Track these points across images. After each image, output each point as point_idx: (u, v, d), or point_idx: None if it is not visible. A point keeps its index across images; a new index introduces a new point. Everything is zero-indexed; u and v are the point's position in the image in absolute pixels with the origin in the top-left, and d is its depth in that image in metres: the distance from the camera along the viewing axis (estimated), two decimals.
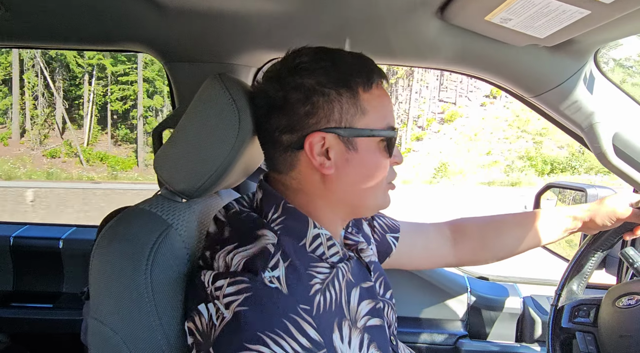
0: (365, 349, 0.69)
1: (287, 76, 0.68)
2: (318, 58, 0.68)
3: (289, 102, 0.67)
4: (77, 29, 1.13)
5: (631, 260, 1.00)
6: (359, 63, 0.70)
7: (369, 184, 0.71)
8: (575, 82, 1.05)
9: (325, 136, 0.67)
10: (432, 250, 1.07)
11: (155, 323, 0.66)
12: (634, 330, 0.83)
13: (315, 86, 0.66)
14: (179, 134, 0.76)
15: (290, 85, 0.67)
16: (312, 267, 0.68)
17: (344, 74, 0.67)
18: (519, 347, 1.38)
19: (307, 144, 0.67)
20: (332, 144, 0.68)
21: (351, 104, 0.67)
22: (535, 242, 1.06)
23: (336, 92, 0.67)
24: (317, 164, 0.68)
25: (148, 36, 1.13)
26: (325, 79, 0.67)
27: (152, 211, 0.73)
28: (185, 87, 1.19)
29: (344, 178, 0.70)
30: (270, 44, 1.12)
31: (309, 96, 0.66)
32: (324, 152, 0.68)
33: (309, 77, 0.67)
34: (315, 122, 0.67)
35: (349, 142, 0.68)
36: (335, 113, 0.67)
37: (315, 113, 0.67)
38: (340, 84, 0.67)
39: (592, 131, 1.10)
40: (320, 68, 0.67)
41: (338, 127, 0.67)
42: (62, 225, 1.85)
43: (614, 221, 1.00)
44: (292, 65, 0.69)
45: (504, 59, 1.05)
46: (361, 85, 0.68)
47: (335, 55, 0.70)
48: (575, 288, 1.05)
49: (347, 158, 0.69)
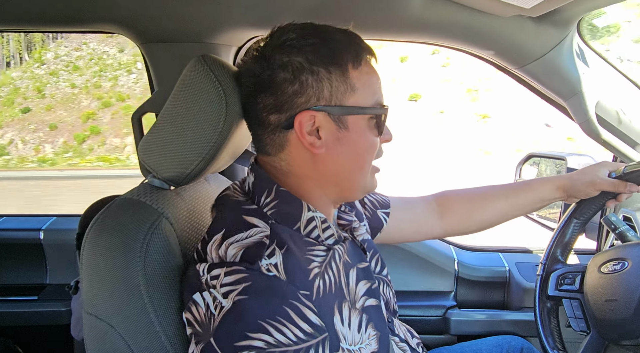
0: (364, 329, 0.70)
1: (274, 53, 0.66)
2: (305, 35, 0.66)
3: (276, 81, 0.65)
4: (45, 10, 1.07)
5: (613, 226, 1.03)
6: (348, 39, 0.68)
7: (360, 163, 0.70)
8: (559, 53, 1.05)
9: (315, 115, 0.65)
10: (420, 222, 1.09)
11: (152, 316, 0.65)
12: (619, 293, 0.86)
13: (303, 64, 0.64)
14: (164, 119, 0.73)
15: (277, 63, 0.65)
16: (309, 251, 0.68)
17: (333, 51, 0.65)
18: (506, 314, 1.42)
19: (297, 124, 0.65)
20: (323, 123, 0.66)
21: (341, 82, 0.66)
22: (519, 212, 1.09)
23: (325, 69, 0.65)
24: (308, 144, 0.66)
25: (122, 16, 1.07)
26: (313, 57, 0.64)
27: (142, 201, 0.71)
28: (163, 69, 1.15)
29: (334, 157, 0.68)
30: (250, 22, 1.09)
31: (297, 75, 0.64)
32: (314, 131, 0.66)
33: (297, 55, 0.65)
34: (304, 101, 0.65)
35: (340, 120, 0.67)
36: (325, 91, 0.65)
37: (305, 92, 0.65)
38: (329, 62, 0.65)
39: (575, 101, 1.11)
40: (308, 45, 0.65)
41: (328, 105, 0.65)
42: (41, 215, 1.80)
43: (595, 190, 1.02)
44: (278, 42, 0.66)
45: (490, 31, 1.04)
46: (351, 62, 0.66)
47: (323, 31, 0.67)
48: (560, 257, 1.08)
49: (337, 137, 0.67)
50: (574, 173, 1.05)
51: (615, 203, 1.04)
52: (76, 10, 1.08)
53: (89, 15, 1.09)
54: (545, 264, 1.07)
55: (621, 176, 0.99)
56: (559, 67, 1.08)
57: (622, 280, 0.88)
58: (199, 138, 0.71)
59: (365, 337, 0.69)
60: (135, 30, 1.11)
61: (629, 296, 0.84)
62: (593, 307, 0.91)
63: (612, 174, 1.00)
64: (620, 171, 0.99)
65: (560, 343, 0.99)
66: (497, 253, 1.55)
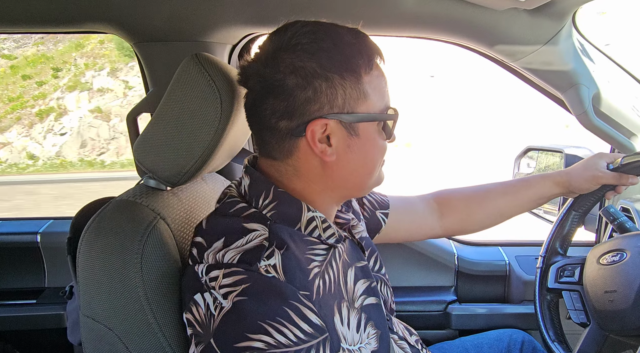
0: (363, 328, 0.69)
1: (281, 55, 0.63)
2: (317, 38, 0.63)
3: (287, 86, 0.62)
4: (38, 11, 1.06)
5: (612, 217, 1.03)
6: (360, 42, 0.65)
7: (369, 167, 0.69)
8: (555, 45, 1.05)
9: (327, 123, 0.63)
10: (419, 222, 1.08)
11: (150, 317, 0.64)
12: (618, 284, 0.86)
13: (317, 70, 0.62)
14: (159, 120, 0.73)
15: (288, 68, 0.62)
16: (309, 250, 0.67)
17: (346, 57, 0.63)
18: (507, 307, 1.42)
19: (309, 132, 0.63)
20: (334, 130, 0.64)
21: (354, 88, 0.63)
22: (518, 210, 1.09)
23: (340, 76, 0.62)
24: (318, 152, 0.64)
25: (115, 16, 1.06)
26: (327, 63, 0.62)
27: (137, 202, 0.71)
28: (157, 68, 1.14)
29: (345, 164, 0.67)
30: (245, 19, 1.08)
31: (311, 81, 0.62)
32: (325, 138, 0.64)
33: (310, 60, 0.62)
34: (317, 109, 0.63)
35: (351, 127, 0.65)
36: (339, 99, 0.63)
37: (317, 99, 0.62)
38: (343, 68, 0.62)
39: (572, 93, 1.11)
40: (320, 50, 0.62)
41: (341, 112, 0.63)
42: (38, 218, 1.79)
43: (594, 184, 1.02)
44: (288, 45, 0.63)
45: (485, 25, 1.03)
46: (363, 67, 0.64)
47: (334, 34, 0.64)
48: (559, 249, 1.08)
49: (348, 144, 0.66)
50: (573, 168, 1.05)
51: (615, 195, 1.04)
52: (68, 10, 1.06)
53: (81, 16, 1.08)
54: (545, 257, 1.07)
55: (619, 168, 0.99)
56: (555, 60, 1.08)
57: (621, 271, 0.88)
58: (194, 138, 0.71)
59: (364, 336, 0.69)
60: (128, 30, 1.10)
61: (628, 287, 0.84)
62: (592, 299, 0.91)
63: (610, 166, 1.01)
64: (617, 163, 0.99)
65: (561, 336, 0.99)
66: (497, 247, 1.55)
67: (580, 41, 1.10)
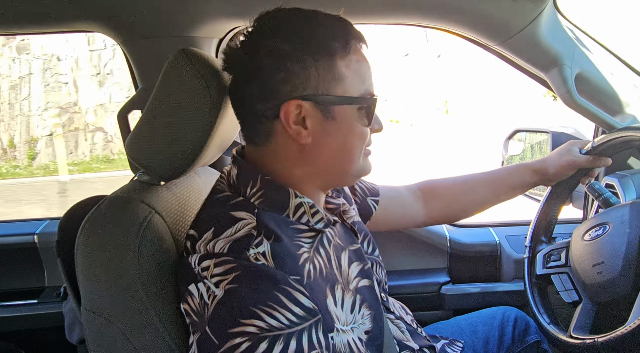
0: (357, 309, 0.71)
1: (260, 40, 0.64)
2: (293, 21, 0.65)
3: (262, 68, 0.64)
4: (21, 11, 1.05)
5: (597, 193, 1.06)
6: (337, 26, 0.67)
7: (348, 152, 0.70)
8: (537, 26, 1.06)
9: (301, 104, 0.64)
10: (406, 211, 1.11)
11: (150, 309, 0.66)
12: (605, 255, 0.89)
13: (290, 52, 0.63)
14: (149, 116, 0.74)
15: (263, 51, 0.64)
16: (297, 237, 0.68)
17: (321, 39, 0.64)
18: (499, 286, 1.46)
19: (282, 113, 0.64)
20: (309, 112, 0.65)
21: (328, 71, 0.65)
22: (502, 198, 1.13)
23: (312, 58, 0.64)
24: (294, 134, 0.66)
25: (100, 14, 1.06)
26: (300, 44, 0.63)
27: (132, 197, 0.72)
28: (146, 65, 1.14)
29: (322, 147, 0.68)
30: (230, 12, 1.08)
31: (283, 63, 0.63)
32: (301, 121, 0.65)
33: (284, 43, 0.63)
34: (290, 90, 0.64)
35: (327, 110, 0.66)
36: (312, 80, 0.64)
37: (290, 80, 0.64)
38: (316, 50, 0.64)
39: (555, 73, 1.13)
40: (295, 32, 0.64)
41: (315, 94, 0.65)
42: (34, 220, 1.79)
43: (570, 169, 1.07)
44: (264, 29, 0.65)
45: (467, 8, 1.04)
46: (339, 50, 0.65)
47: (311, 18, 0.66)
48: (543, 237, 1.12)
49: (324, 127, 0.67)
50: (548, 157, 1.10)
51: (589, 179, 1.09)
52: (53, 9, 1.05)
53: (66, 15, 1.07)
54: (530, 246, 1.11)
55: (591, 151, 1.04)
56: (537, 41, 1.09)
57: (606, 242, 0.90)
58: (185, 132, 0.72)
59: (358, 316, 0.70)
60: (114, 28, 1.10)
61: (614, 255, 0.86)
62: (582, 275, 0.93)
63: (583, 151, 1.05)
64: (589, 147, 1.05)
65: (555, 318, 1.01)
66: (488, 228, 1.58)
67: (561, 21, 1.11)
